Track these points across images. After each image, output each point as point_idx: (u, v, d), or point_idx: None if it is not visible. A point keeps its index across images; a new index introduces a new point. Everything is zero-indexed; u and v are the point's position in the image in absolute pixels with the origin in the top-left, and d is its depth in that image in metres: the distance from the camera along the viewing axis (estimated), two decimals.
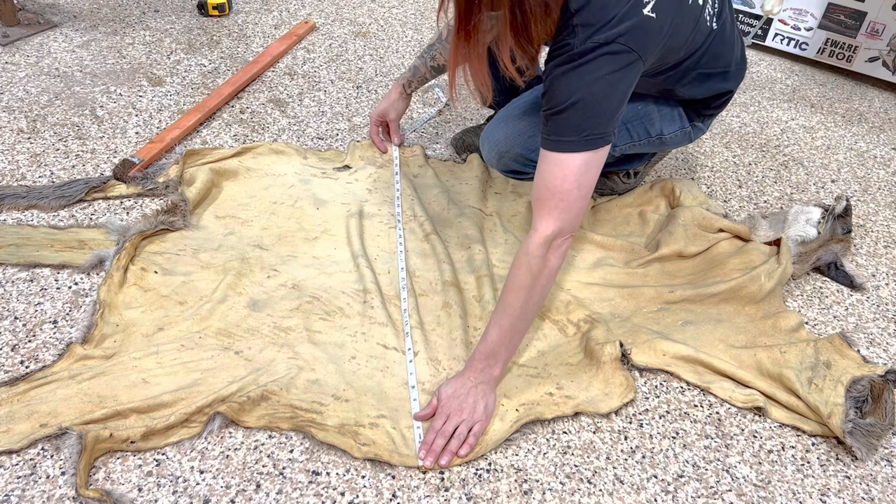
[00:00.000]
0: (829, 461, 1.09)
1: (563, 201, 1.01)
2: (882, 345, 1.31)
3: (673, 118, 1.37)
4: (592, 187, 1.04)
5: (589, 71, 0.98)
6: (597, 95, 0.99)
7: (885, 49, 2.23)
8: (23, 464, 0.96)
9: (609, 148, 1.03)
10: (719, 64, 1.25)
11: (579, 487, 1.01)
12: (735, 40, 1.28)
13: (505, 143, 1.34)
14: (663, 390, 1.18)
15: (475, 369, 1.07)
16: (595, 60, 0.98)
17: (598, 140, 1.01)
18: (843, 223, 1.52)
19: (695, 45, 1.16)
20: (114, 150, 1.61)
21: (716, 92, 1.31)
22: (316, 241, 1.40)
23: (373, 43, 2.25)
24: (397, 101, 1.61)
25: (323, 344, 1.17)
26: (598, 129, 1.00)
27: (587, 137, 1.00)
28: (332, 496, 0.97)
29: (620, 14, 0.97)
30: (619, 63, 0.99)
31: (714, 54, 1.22)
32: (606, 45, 0.97)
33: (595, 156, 1.01)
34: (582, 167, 1.01)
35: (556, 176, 1.01)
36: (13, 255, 1.28)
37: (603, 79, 0.98)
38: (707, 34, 1.18)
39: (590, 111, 0.99)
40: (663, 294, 1.32)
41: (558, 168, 1.01)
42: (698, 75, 1.25)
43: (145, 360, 1.10)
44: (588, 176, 1.02)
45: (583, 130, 0.99)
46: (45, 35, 2.07)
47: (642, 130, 1.37)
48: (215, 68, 2.00)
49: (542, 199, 1.02)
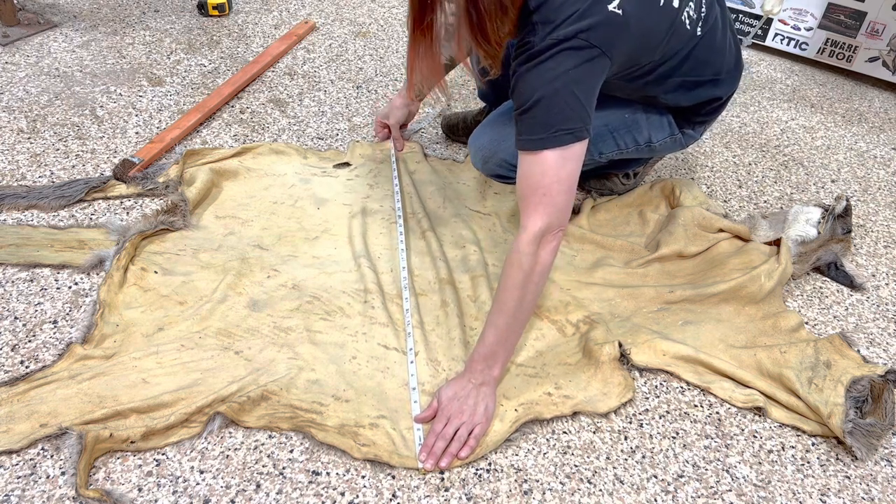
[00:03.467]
0: (829, 461, 1.09)
1: (545, 196, 1.01)
2: (882, 345, 1.31)
3: (662, 126, 1.36)
4: (575, 179, 1.04)
5: (549, 68, 0.98)
6: (560, 91, 0.99)
7: (885, 49, 2.23)
8: (23, 464, 0.96)
9: (586, 142, 1.03)
10: (707, 71, 1.25)
11: (579, 487, 1.01)
12: (727, 47, 1.27)
13: (489, 148, 1.35)
14: (663, 390, 1.18)
15: (475, 371, 1.07)
16: (555, 56, 0.98)
17: (568, 136, 1.00)
18: (843, 223, 1.52)
19: (672, 49, 1.16)
20: (114, 150, 1.61)
21: (703, 99, 1.30)
22: (316, 240, 1.40)
23: (373, 43, 2.25)
24: (399, 107, 1.63)
25: (323, 344, 1.17)
26: (566, 125, 0.99)
27: (555, 134, 1.00)
28: (332, 496, 0.97)
29: (581, 10, 0.97)
30: (581, 58, 0.98)
31: (700, 61, 1.21)
32: (567, 40, 0.97)
33: (568, 151, 1.01)
34: (558, 161, 1.01)
35: (535, 173, 1.02)
36: (13, 255, 1.28)
37: (565, 74, 0.98)
38: (688, 39, 1.17)
39: (555, 107, 0.99)
40: (663, 294, 1.32)
41: (535, 166, 1.01)
42: (683, 83, 1.24)
43: (145, 360, 1.10)
44: (566, 169, 1.02)
45: (550, 127, 0.99)
46: (45, 35, 2.07)
47: (630, 139, 1.36)
48: (215, 68, 2.00)
49: (526, 196, 1.03)
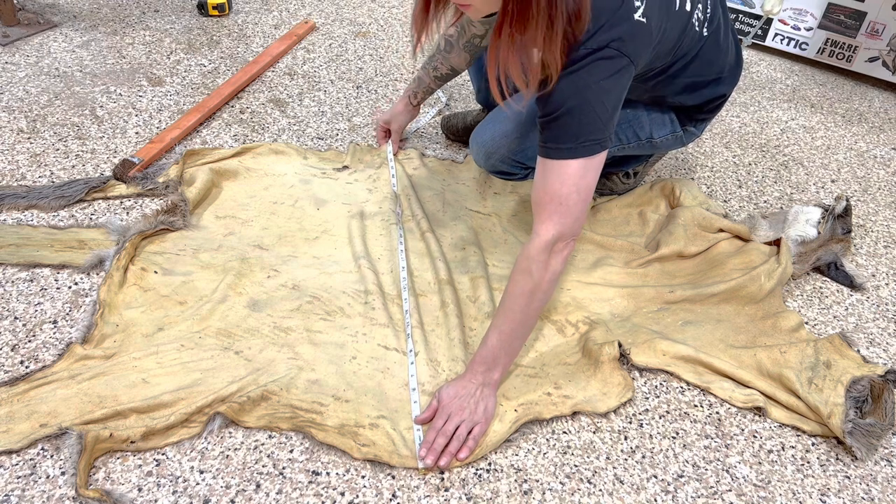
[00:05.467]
0: (829, 461, 1.09)
1: (562, 205, 1.01)
2: (882, 345, 1.31)
3: (664, 122, 1.37)
4: (592, 190, 1.04)
5: (582, 77, 0.98)
6: (591, 101, 0.99)
7: (885, 49, 2.23)
8: (23, 464, 0.96)
9: (606, 153, 1.03)
10: (712, 71, 1.26)
11: (579, 487, 1.01)
12: (729, 45, 1.28)
13: (492, 144, 1.36)
14: (663, 390, 1.18)
15: (476, 373, 1.07)
16: (588, 67, 0.98)
17: (595, 146, 1.01)
18: (843, 223, 1.52)
19: (682, 50, 1.17)
20: (114, 150, 1.61)
21: (708, 98, 1.32)
22: (316, 241, 1.40)
23: (373, 43, 2.25)
24: (401, 113, 1.64)
25: (323, 344, 1.17)
26: (593, 135, 1.00)
27: (583, 143, 1.00)
28: (332, 496, 0.97)
29: (611, 20, 0.98)
30: (612, 68, 0.99)
31: (706, 61, 1.23)
32: (599, 50, 0.97)
33: (592, 161, 1.02)
34: (580, 171, 1.01)
35: (555, 182, 1.01)
36: (13, 255, 1.28)
37: (597, 84, 0.98)
38: (697, 40, 1.18)
39: (585, 117, 0.99)
40: (663, 294, 1.32)
41: (556, 174, 1.01)
42: (690, 83, 1.25)
43: (145, 360, 1.10)
44: (586, 180, 1.02)
45: (579, 137, 1.00)
46: (45, 35, 2.07)
47: (631, 134, 1.37)
48: (215, 68, 2.00)
49: (542, 203, 1.03)
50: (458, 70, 1.50)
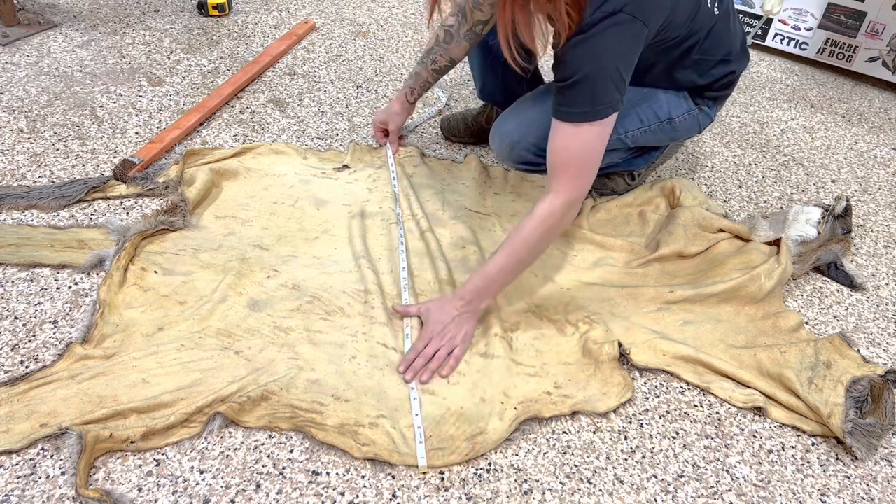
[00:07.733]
0: (829, 461, 1.09)
1: (582, 168, 1.09)
2: (882, 345, 1.31)
3: (679, 101, 1.40)
4: (603, 150, 1.10)
5: (598, 42, 1.02)
6: (607, 68, 1.04)
7: (885, 49, 2.23)
8: (23, 464, 0.96)
9: (616, 115, 1.09)
10: (721, 51, 1.30)
11: (579, 487, 1.01)
12: (736, 31, 1.34)
13: (517, 133, 1.35)
14: (663, 390, 1.18)
15: (463, 299, 1.15)
16: (604, 32, 1.02)
17: (608, 108, 1.06)
18: (843, 223, 1.52)
19: (697, 24, 1.21)
20: (114, 150, 1.61)
21: (717, 77, 1.36)
22: (316, 240, 1.40)
23: (373, 43, 2.25)
24: (398, 112, 1.63)
25: (323, 344, 1.17)
26: (607, 98, 1.05)
27: (598, 107, 1.05)
28: (332, 496, 0.97)
29: None
30: (627, 33, 1.03)
31: (717, 41, 1.27)
32: (614, 14, 1.01)
33: (607, 123, 1.08)
34: (596, 134, 1.07)
35: (573, 144, 1.07)
36: (13, 255, 1.28)
37: (612, 49, 1.03)
38: (710, 17, 1.23)
39: (600, 82, 1.04)
40: (663, 294, 1.32)
41: (573, 137, 1.07)
42: (700, 61, 1.30)
43: (145, 360, 1.10)
44: (602, 141, 1.09)
45: (594, 101, 1.05)
46: (45, 35, 2.07)
47: (651, 113, 1.39)
48: (215, 68, 2.00)
49: (563, 163, 1.09)
50: (457, 60, 1.49)
